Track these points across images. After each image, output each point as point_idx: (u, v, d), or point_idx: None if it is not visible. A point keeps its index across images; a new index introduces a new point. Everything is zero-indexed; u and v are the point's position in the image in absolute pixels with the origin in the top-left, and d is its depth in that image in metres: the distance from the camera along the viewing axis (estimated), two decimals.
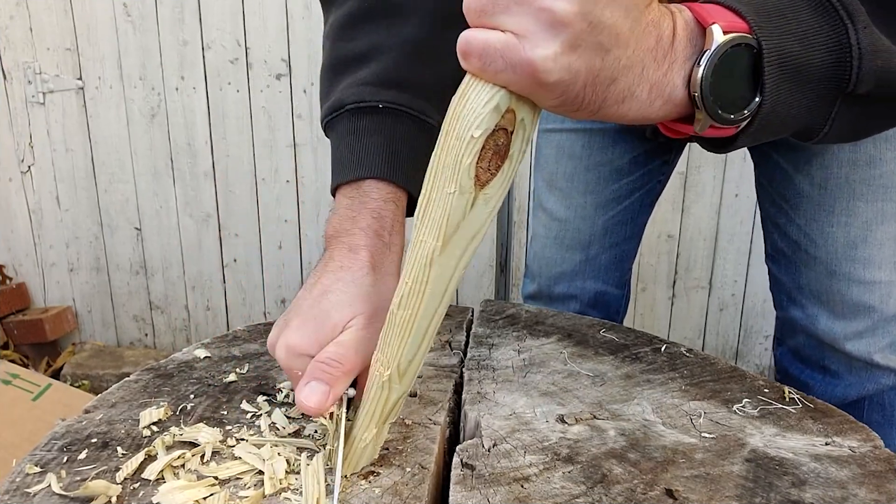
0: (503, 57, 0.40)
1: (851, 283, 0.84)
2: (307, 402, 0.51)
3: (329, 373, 0.52)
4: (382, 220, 0.61)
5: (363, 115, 0.65)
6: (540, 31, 0.39)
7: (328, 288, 0.57)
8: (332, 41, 0.70)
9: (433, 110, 0.67)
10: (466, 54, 0.42)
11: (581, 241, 1.06)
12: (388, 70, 0.65)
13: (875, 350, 0.85)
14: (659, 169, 1.05)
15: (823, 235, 0.85)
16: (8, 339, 2.41)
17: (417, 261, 0.47)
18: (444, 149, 0.44)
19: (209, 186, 2.30)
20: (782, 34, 0.45)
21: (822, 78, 0.47)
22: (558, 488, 0.50)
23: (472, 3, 0.42)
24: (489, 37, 0.41)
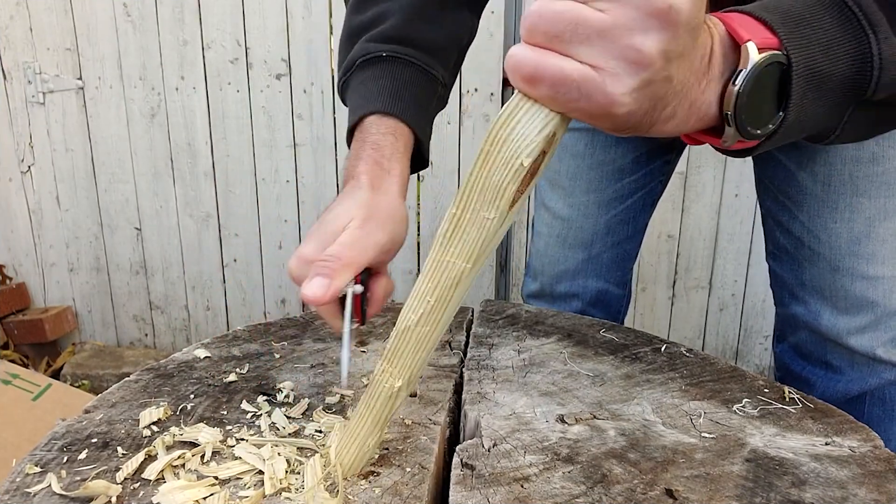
0: (581, 88, 0.39)
1: (855, 279, 0.84)
2: (309, 293, 0.55)
3: (328, 266, 0.57)
4: (381, 150, 0.67)
5: (369, 65, 0.72)
6: (622, 67, 0.38)
7: (332, 208, 0.64)
8: (348, 15, 0.78)
9: (436, 63, 0.74)
10: (535, 80, 0.39)
11: (583, 240, 1.07)
12: (392, 28, 0.73)
13: (878, 345, 0.86)
14: (661, 168, 1.05)
15: (827, 231, 0.85)
16: (8, 339, 2.41)
17: (443, 282, 0.46)
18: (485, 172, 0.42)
19: (209, 186, 2.30)
20: (808, 45, 0.45)
21: (842, 87, 0.47)
22: (558, 488, 0.50)
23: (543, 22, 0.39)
24: (565, 66, 0.38)
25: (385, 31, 0.73)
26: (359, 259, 0.59)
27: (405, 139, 0.69)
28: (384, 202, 0.64)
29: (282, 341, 0.80)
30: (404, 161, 0.68)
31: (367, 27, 0.74)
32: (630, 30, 0.37)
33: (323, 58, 2.11)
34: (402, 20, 0.73)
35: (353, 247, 0.59)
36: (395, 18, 0.73)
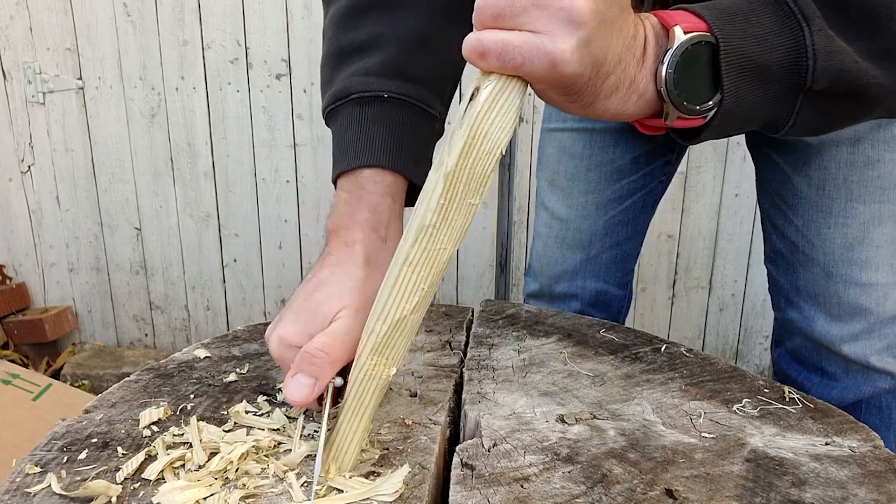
0: (522, 53, 0.44)
1: (848, 285, 0.84)
2: (292, 396, 0.52)
3: (315, 364, 0.53)
4: (379, 215, 0.62)
5: (367, 104, 0.66)
6: (559, 28, 0.43)
7: (322, 281, 0.59)
8: (334, 30, 0.71)
9: (435, 100, 0.70)
10: (483, 54, 0.44)
11: (582, 241, 1.06)
12: (392, 60, 0.67)
13: (871, 353, 0.85)
14: (661, 169, 1.05)
15: (821, 237, 0.85)
16: (8, 339, 2.41)
17: (435, 268, 0.49)
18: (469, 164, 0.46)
19: (209, 186, 2.30)
20: (743, 36, 0.50)
21: (781, 76, 0.51)
22: (558, 488, 0.50)
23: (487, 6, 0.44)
24: (506, 36, 0.44)
25: (384, 63, 0.67)
26: (347, 355, 0.55)
27: (401, 196, 0.65)
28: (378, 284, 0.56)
29: None
30: (400, 227, 0.64)
31: (359, 50, 0.68)
32: None
33: None
34: (402, 51, 0.67)
35: (343, 342, 0.54)
36: (393, 48, 0.67)
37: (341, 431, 0.53)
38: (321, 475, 0.51)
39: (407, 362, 0.73)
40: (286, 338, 0.57)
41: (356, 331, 0.54)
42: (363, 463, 0.54)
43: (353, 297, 0.57)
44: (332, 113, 0.69)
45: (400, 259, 0.49)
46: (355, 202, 0.63)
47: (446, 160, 0.46)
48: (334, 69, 0.70)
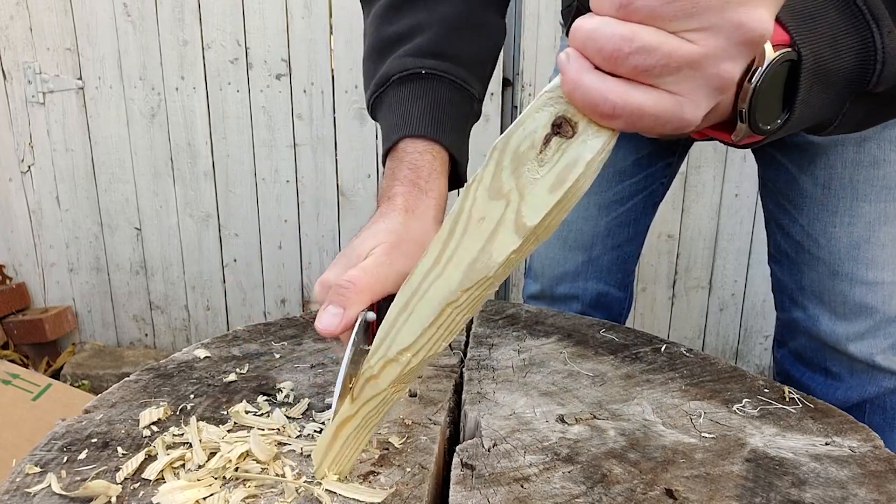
0: (658, 120, 0.36)
1: (854, 284, 0.84)
2: (320, 325, 0.53)
3: (343, 294, 0.53)
4: (419, 170, 0.64)
5: (406, 82, 0.68)
6: (704, 94, 0.36)
7: (363, 230, 0.61)
8: (375, 27, 0.74)
9: (473, 80, 0.71)
10: (613, 117, 0.36)
11: (583, 242, 1.06)
12: (430, 43, 0.69)
13: (877, 352, 0.85)
14: (662, 171, 1.05)
15: (826, 236, 0.85)
16: (8, 339, 2.41)
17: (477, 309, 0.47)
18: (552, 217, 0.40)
19: (209, 186, 2.30)
20: (815, 38, 0.45)
21: (845, 80, 0.47)
22: (558, 488, 0.50)
23: (634, 58, 0.34)
24: (645, 104, 0.36)
25: (422, 44, 0.69)
26: (377, 286, 0.54)
27: (443, 158, 0.66)
28: (417, 228, 0.60)
29: (282, 341, 0.80)
30: (442, 181, 0.65)
31: (401, 39, 0.70)
32: (719, 59, 0.35)
33: (323, 58, 2.11)
34: (441, 33, 0.69)
35: (372, 273, 0.55)
36: (432, 31, 0.69)
37: (347, 441, 0.52)
38: (319, 475, 0.51)
39: None
40: (325, 280, 0.58)
41: (388, 264, 0.56)
42: (363, 463, 0.54)
43: (387, 236, 0.58)
44: (376, 102, 0.71)
45: (443, 299, 0.45)
46: (396, 164, 0.65)
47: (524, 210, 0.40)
48: (376, 62, 0.72)
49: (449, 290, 0.44)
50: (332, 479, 0.51)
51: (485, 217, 0.41)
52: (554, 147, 0.38)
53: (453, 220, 0.43)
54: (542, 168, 0.39)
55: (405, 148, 0.65)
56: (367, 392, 0.49)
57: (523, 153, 0.39)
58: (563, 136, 0.38)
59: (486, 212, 0.41)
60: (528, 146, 0.39)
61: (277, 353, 0.76)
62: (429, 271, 0.44)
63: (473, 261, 0.42)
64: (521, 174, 0.39)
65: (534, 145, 0.39)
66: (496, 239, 0.41)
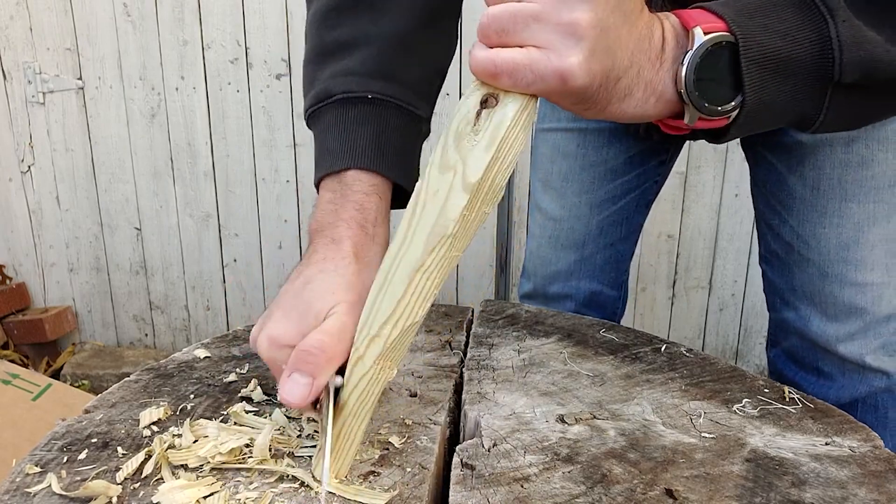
0: (532, 70, 0.44)
1: (844, 285, 0.84)
2: (289, 397, 0.49)
3: (311, 362, 0.50)
4: (366, 212, 0.60)
5: (351, 105, 0.64)
6: (561, 42, 0.44)
7: (311, 279, 0.56)
8: (316, 29, 0.69)
9: (421, 101, 0.68)
10: (496, 74, 0.45)
11: (575, 241, 1.06)
12: (375, 60, 0.65)
13: (867, 352, 0.85)
14: (655, 169, 1.05)
15: (816, 237, 0.85)
16: (8, 339, 2.41)
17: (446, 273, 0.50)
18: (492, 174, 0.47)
19: (209, 186, 2.30)
20: (764, 32, 0.49)
21: (807, 70, 0.50)
22: (558, 488, 0.50)
23: (489, 23, 0.45)
24: (514, 55, 0.44)
25: (367, 62, 0.65)
26: (345, 353, 0.52)
27: (387, 196, 0.64)
28: (368, 280, 0.54)
29: None
30: (387, 226, 0.63)
31: (342, 48, 0.66)
32: (558, 8, 0.43)
33: None
34: (386, 51, 0.65)
35: (340, 339, 0.51)
36: (376, 48, 0.65)
37: (342, 436, 0.52)
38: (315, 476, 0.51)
39: (407, 362, 0.73)
40: (277, 337, 0.53)
41: (352, 327, 0.52)
42: (363, 463, 0.54)
43: (346, 293, 0.55)
44: (314, 114, 0.67)
45: (411, 266, 0.48)
46: (340, 201, 0.61)
47: (467, 172, 0.46)
48: (316, 69, 0.68)
49: (415, 257, 0.48)
50: (333, 481, 0.51)
51: (438, 189, 0.48)
52: (483, 117, 0.47)
53: (413, 202, 0.48)
54: (477, 136, 0.47)
55: (351, 183, 0.61)
56: (356, 374, 0.51)
57: (461, 130, 0.47)
58: (489, 108, 0.47)
59: (438, 185, 0.48)
60: (464, 124, 0.47)
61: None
62: (398, 252, 0.49)
63: (433, 225, 0.48)
64: (461, 147, 0.47)
65: (468, 121, 0.47)
66: (449, 202, 0.47)
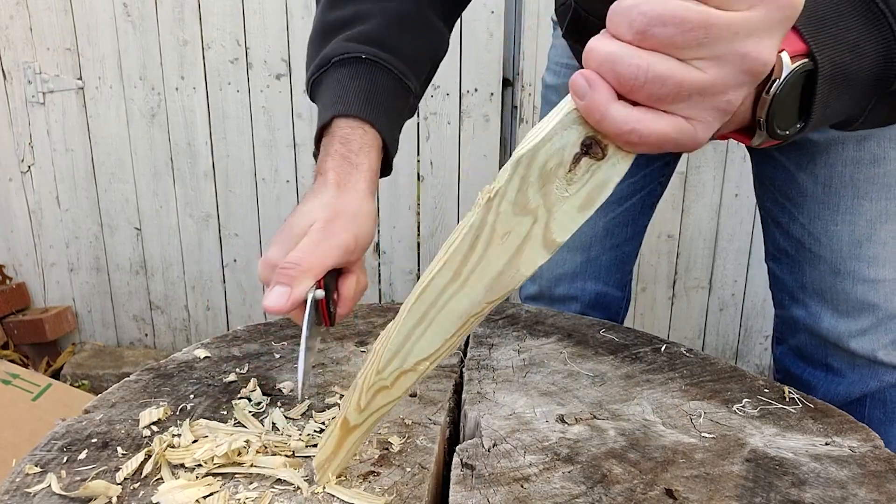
0: (676, 143, 0.40)
1: (856, 282, 0.84)
2: (269, 303, 0.55)
3: (288, 274, 0.56)
4: (349, 143, 0.66)
5: (346, 64, 0.70)
6: (713, 117, 0.40)
7: (298, 209, 0.63)
8: (321, 11, 0.75)
9: (411, 75, 0.72)
10: (638, 144, 0.39)
11: (582, 243, 1.06)
12: (373, 31, 0.71)
13: (879, 347, 0.85)
14: (660, 170, 1.05)
15: (828, 234, 0.85)
16: (8, 339, 2.41)
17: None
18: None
19: (209, 186, 2.30)
20: (835, 44, 0.46)
21: (867, 82, 0.48)
22: (558, 488, 0.50)
23: (649, 86, 0.37)
24: (666, 129, 0.39)
25: (365, 31, 0.70)
26: (320, 263, 0.58)
27: (374, 135, 0.68)
28: (349, 200, 0.63)
29: (282, 341, 0.80)
30: (373, 154, 0.67)
31: (345, 25, 0.72)
32: (726, 86, 0.38)
33: None
34: (384, 24, 0.71)
35: (313, 251, 0.58)
36: (375, 21, 0.71)
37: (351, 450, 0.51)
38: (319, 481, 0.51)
39: None
40: (268, 259, 0.59)
41: (325, 240, 0.59)
42: (363, 463, 0.54)
43: (321, 212, 0.61)
44: (315, 83, 0.72)
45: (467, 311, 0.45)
46: (328, 140, 0.67)
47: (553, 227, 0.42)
48: (318, 45, 0.73)
49: (473, 302, 0.44)
50: (333, 483, 0.51)
51: (510, 232, 0.42)
52: (584, 167, 0.40)
53: (474, 233, 0.42)
54: (571, 187, 0.40)
55: (338, 124, 0.67)
56: (378, 401, 0.49)
57: (551, 171, 0.40)
58: (592, 158, 0.39)
59: (511, 227, 0.42)
60: (556, 164, 0.39)
61: (277, 353, 0.76)
62: (447, 285, 0.44)
63: (499, 274, 0.43)
64: (548, 192, 0.40)
65: (562, 163, 0.39)
66: (523, 254, 0.42)
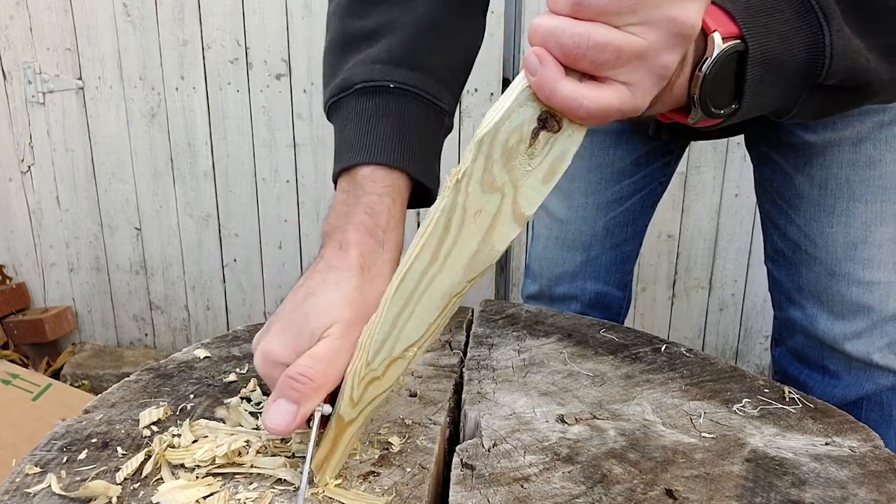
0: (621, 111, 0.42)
1: (851, 284, 0.84)
2: (272, 424, 0.48)
3: (298, 390, 0.48)
4: (377, 217, 0.56)
5: (372, 95, 0.61)
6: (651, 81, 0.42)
7: (312, 290, 0.53)
8: (341, 17, 0.66)
9: (445, 93, 0.65)
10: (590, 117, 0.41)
11: (582, 242, 1.06)
12: (401, 47, 0.62)
13: (874, 350, 0.85)
14: (660, 170, 1.05)
15: (823, 236, 0.85)
16: (8, 339, 2.41)
17: None
18: None
19: (209, 186, 2.30)
20: (767, 32, 0.50)
21: (796, 72, 0.52)
22: (558, 488, 0.50)
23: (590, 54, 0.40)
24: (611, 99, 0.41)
25: (392, 49, 0.62)
26: (335, 379, 0.50)
27: (402, 196, 0.60)
28: (373, 293, 0.52)
29: None
30: (399, 230, 0.58)
31: (369, 37, 0.64)
32: (661, 49, 0.41)
33: None
34: (414, 36, 0.63)
35: (330, 365, 0.49)
36: (405, 33, 0.63)
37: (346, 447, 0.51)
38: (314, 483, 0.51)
39: None
40: (271, 354, 0.51)
41: (346, 350, 0.50)
42: (363, 463, 0.54)
43: (343, 310, 0.51)
44: (334, 106, 0.64)
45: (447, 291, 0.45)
46: (352, 202, 0.57)
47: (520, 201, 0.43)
48: (339, 58, 0.65)
49: (453, 282, 0.45)
50: (332, 485, 0.51)
51: (481, 210, 0.43)
52: (542, 141, 0.42)
53: (447, 216, 0.44)
54: (533, 160, 0.42)
55: (363, 183, 0.58)
56: (370, 393, 0.49)
57: (513, 147, 0.42)
58: (549, 131, 0.42)
59: (481, 205, 0.43)
60: (516, 140, 0.42)
61: None
62: (426, 269, 0.45)
63: (475, 253, 0.44)
64: (513, 167, 0.42)
65: (522, 139, 0.42)
66: (496, 230, 0.44)
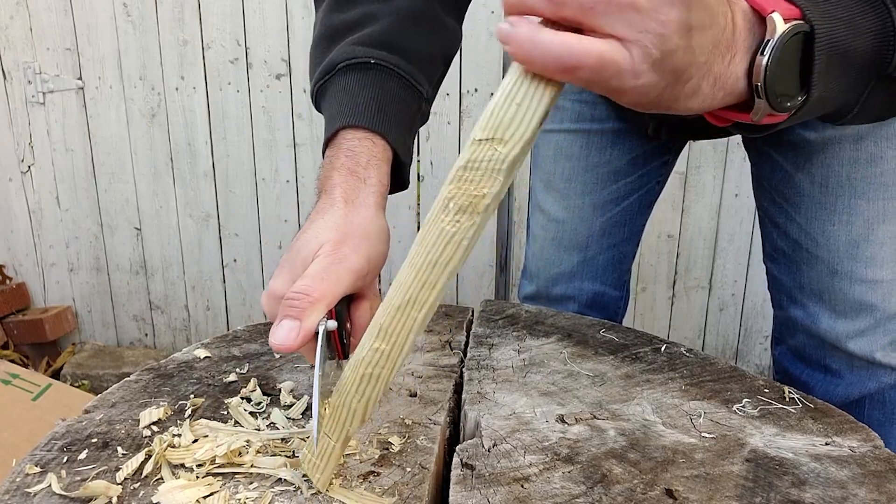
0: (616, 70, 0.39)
1: (853, 282, 0.84)
2: (276, 341, 0.50)
3: (296, 306, 0.50)
4: (356, 156, 0.60)
5: (353, 70, 0.65)
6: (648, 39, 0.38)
7: (304, 230, 0.57)
8: (325, 14, 0.70)
9: (422, 78, 0.68)
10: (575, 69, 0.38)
11: (579, 242, 1.06)
12: (381, 33, 0.66)
13: (877, 348, 0.85)
14: (657, 170, 1.05)
15: (825, 234, 0.85)
16: (8, 339, 2.41)
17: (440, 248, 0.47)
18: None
19: (209, 186, 2.30)
20: (830, 17, 0.45)
21: (864, 62, 0.47)
22: (558, 488, 0.50)
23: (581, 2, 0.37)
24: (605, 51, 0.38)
25: (374, 34, 0.66)
26: (331, 292, 0.52)
27: (384, 147, 0.63)
28: (359, 219, 0.57)
29: None
30: (382, 168, 0.62)
31: (351, 28, 0.67)
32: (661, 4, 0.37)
33: None
34: (394, 24, 0.67)
35: (323, 279, 0.52)
36: (384, 22, 0.67)
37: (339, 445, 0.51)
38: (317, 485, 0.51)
39: (407, 362, 0.73)
40: (274, 290, 0.54)
41: (336, 264, 0.53)
42: (363, 463, 0.54)
43: (330, 233, 0.55)
44: (320, 91, 0.67)
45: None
46: (334, 152, 0.62)
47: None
48: (324, 50, 0.68)
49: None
50: (336, 487, 0.51)
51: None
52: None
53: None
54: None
55: (344, 136, 0.62)
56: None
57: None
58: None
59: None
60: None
61: (278, 353, 0.76)
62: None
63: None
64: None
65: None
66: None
